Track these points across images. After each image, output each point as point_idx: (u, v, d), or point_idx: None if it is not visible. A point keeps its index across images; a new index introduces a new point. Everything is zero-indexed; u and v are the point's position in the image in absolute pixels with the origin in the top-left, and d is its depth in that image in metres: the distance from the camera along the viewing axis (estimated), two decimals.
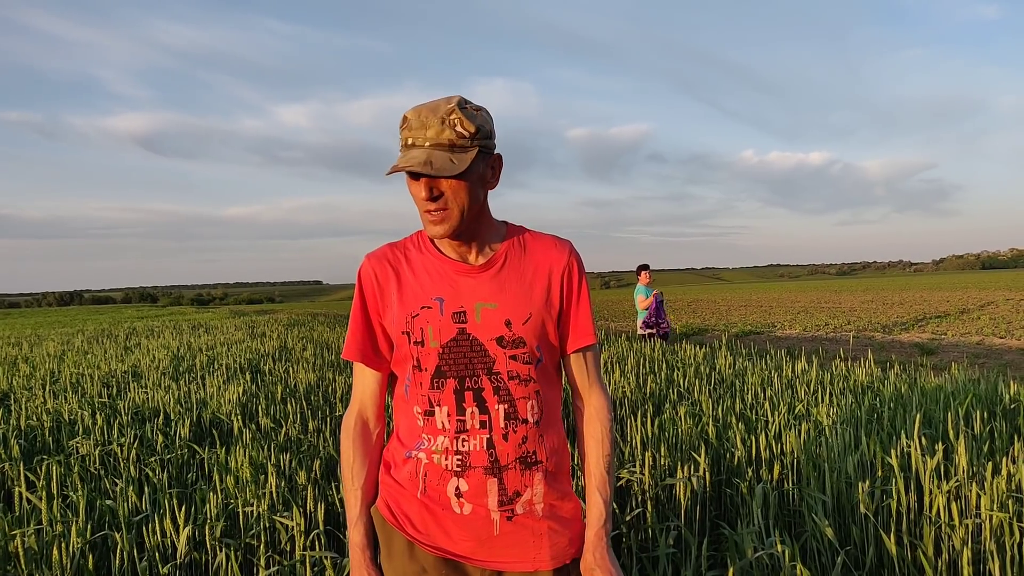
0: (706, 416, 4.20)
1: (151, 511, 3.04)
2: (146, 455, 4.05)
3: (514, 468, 1.38)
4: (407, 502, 1.42)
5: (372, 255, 1.46)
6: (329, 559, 2.47)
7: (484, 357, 1.37)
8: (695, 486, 3.03)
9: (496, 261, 1.41)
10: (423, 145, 1.29)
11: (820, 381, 5.59)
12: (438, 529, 1.39)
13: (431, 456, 1.39)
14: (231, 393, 5.68)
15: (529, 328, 1.39)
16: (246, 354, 9.68)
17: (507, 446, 1.37)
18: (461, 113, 1.28)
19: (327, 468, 3.62)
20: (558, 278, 1.44)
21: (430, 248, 1.44)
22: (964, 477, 2.85)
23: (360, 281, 1.45)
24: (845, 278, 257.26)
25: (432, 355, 1.37)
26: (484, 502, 1.37)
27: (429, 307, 1.38)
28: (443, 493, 1.38)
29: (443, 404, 1.37)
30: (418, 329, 1.37)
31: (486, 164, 1.35)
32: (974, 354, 11.75)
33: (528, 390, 1.39)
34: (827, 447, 3.39)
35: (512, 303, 1.39)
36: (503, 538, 1.39)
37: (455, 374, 1.36)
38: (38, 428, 4.83)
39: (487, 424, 1.36)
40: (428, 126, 1.28)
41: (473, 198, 1.33)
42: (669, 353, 7.81)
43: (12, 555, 2.60)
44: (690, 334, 17.83)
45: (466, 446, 1.36)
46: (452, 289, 1.39)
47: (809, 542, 2.74)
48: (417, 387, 1.40)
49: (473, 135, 1.29)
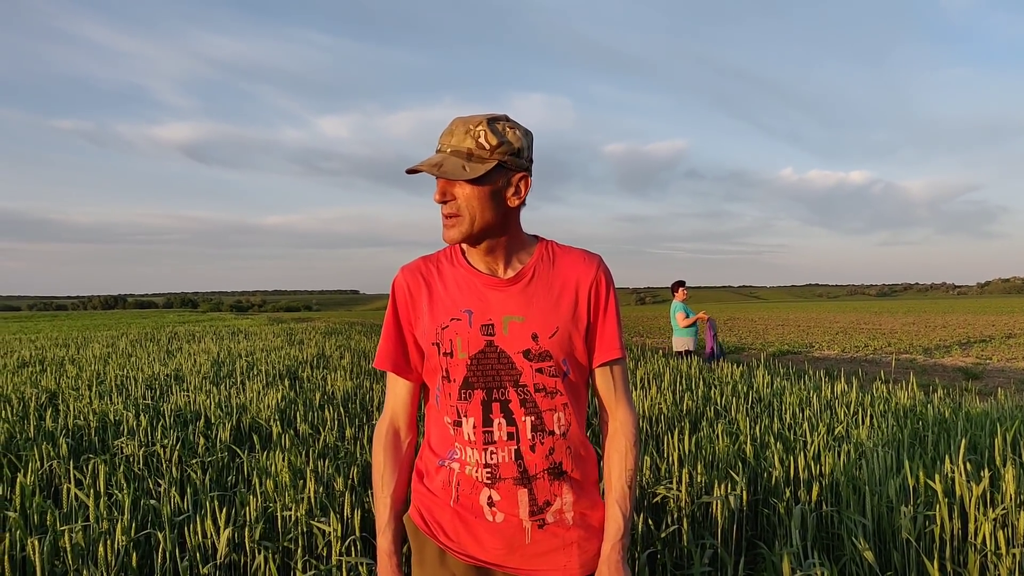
0: (743, 435, 4.15)
1: (193, 512, 3.09)
2: (188, 457, 4.13)
3: (543, 478, 1.40)
4: (440, 510, 1.44)
5: (406, 267, 1.50)
6: (365, 565, 2.50)
7: (511, 369, 1.39)
8: (732, 505, 3.00)
9: (524, 275, 1.43)
10: (444, 151, 1.35)
11: (860, 403, 5.49)
12: (470, 537, 1.41)
13: (464, 467, 1.41)
14: (270, 398, 5.77)
15: (555, 341, 1.40)
16: (285, 361, 9.82)
17: (535, 457, 1.39)
18: (487, 126, 1.33)
19: (364, 475, 3.66)
20: (585, 292, 1.45)
21: (461, 262, 1.47)
22: (1012, 505, 2.78)
23: (393, 292, 1.49)
24: (886, 299, 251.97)
25: (460, 366, 1.39)
26: (516, 511, 1.39)
27: (458, 319, 1.40)
28: (476, 502, 1.40)
29: (470, 415, 1.39)
30: (447, 340, 1.40)
31: (507, 180, 1.37)
32: (1021, 380, 11.42)
33: (555, 403, 1.40)
34: (867, 470, 3.33)
35: (539, 317, 1.41)
36: (534, 546, 1.40)
37: (483, 385, 1.39)
38: (85, 428, 4.96)
39: (514, 436, 1.38)
40: (454, 134, 1.35)
41: (488, 209, 1.36)
42: (706, 371, 7.74)
43: (60, 550, 2.68)
44: (727, 352, 17.62)
45: (495, 458, 1.38)
46: (481, 302, 1.41)
47: (848, 566, 2.69)
48: (446, 397, 1.42)
49: (494, 148, 1.33)
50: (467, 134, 1.33)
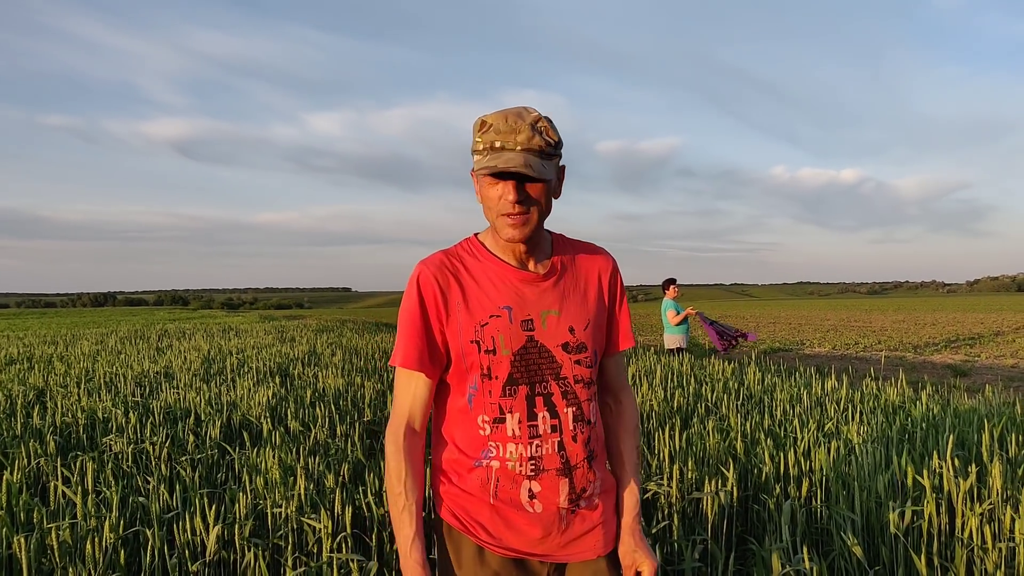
0: (734, 431, 4.17)
1: (182, 509, 3.08)
2: (177, 454, 4.11)
3: (582, 467, 1.43)
4: (477, 509, 1.43)
5: (429, 262, 1.44)
6: (355, 562, 2.50)
7: (552, 363, 1.42)
8: (722, 500, 3.00)
9: (556, 270, 1.47)
10: (515, 149, 1.31)
11: (850, 400, 5.51)
12: (508, 531, 1.43)
13: (505, 464, 1.40)
14: (261, 396, 5.75)
15: (589, 333, 1.46)
16: (276, 358, 9.78)
17: (576, 447, 1.42)
18: (548, 123, 1.34)
19: (354, 472, 3.65)
20: (607, 283, 1.52)
21: (487, 256, 1.45)
22: (998, 500, 2.80)
23: (419, 288, 1.41)
24: (876, 297, 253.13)
25: (504, 363, 1.39)
26: (556, 500, 1.42)
27: (498, 316, 1.40)
28: (515, 496, 1.41)
29: (515, 411, 1.40)
30: (489, 338, 1.39)
31: (558, 174, 1.42)
32: (1009, 377, 11.50)
33: (590, 392, 1.46)
34: (857, 466, 3.34)
35: (573, 310, 1.45)
36: (570, 531, 1.44)
37: (526, 381, 1.40)
38: (73, 425, 4.93)
39: (558, 428, 1.41)
40: (519, 131, 1.31)
41: (547, 205, 1.40)
42: (697, 368, 7.76)
43: (48, 548, 2.66)
44: (718, 349, 17.66)
45: (540, 451, 1.40)
46: (519, 298, 1.42)
47: (837, 561, 2.71)
48: (485, 396, 1.41)
49: (557, 144, 1.35)
50: (534, 131, 1.32)
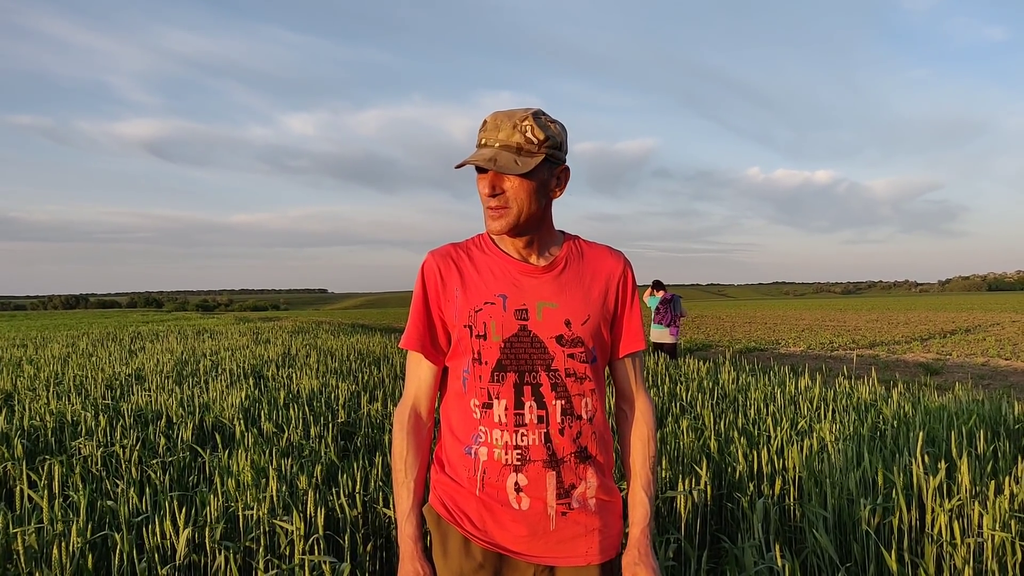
0: (708, 430, 4.19)
1: (152, 512, 3.04)
2: (148, 457, 4.05)
3: (570, 461, 1.43)
4: (464, 499, 1.46)
5: (436, 252, 1.52)
6: (328, 564, 2.48)
7: (543, 354, 1.43)
8: (696, 499, 3.02)
9: (558, 264, 1.49)
10: (492, 145, 1.38)
11: (823, 398, 5.57)
12: (495, 525, 1.43)
13: (492, 451, 1.42)
14: (234, 397, 5.68)
15: (587, 329, 1.46)
16: (250, 360, 9.68)
17: (563, 440, 1.43)
18: (534, 121, 1.36)
19: (328, 474, 3.62)
20: (615, 284, 1.53)
21: (493, 249, 1.50)
22: (967, 496, 2.83)
23: (424, 275, 1.50)
24: (850, 297, 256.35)
25: (494, 349, 1.42)
26: (543, 496, 1.42)
27: (492, 303, 1.44)
28: (502, 489, 1.42)
29: (502, 397, 1.42)
30: (481, 323, 1.43)
31: (551, 173, 1.43)
32: (979, 375, 11.70)
33: (583, 388, 1.45)
34: (829, 463, 3.38)
35: (572, 304, 1.46)
36: (558, 533, 1.44)
37: (515, 368, 1.42)
38: (41, 428, 4.84)
39: (544, 419, 1.42)
40: (501, 129, 1.38)
41: (534, 201, 1.41)
42: (672, 367, 7.80)
43: (13, 553, 2.61)
44: (694, 349, 17.79)
45: (525, 440, 1.41)
46: (515, 287, 1.45)
47: (809, 558, 2.73)
48: (476, 380, 1.44)
49: (541, 142, 1.37)
50: (515, 129, 1.36)
